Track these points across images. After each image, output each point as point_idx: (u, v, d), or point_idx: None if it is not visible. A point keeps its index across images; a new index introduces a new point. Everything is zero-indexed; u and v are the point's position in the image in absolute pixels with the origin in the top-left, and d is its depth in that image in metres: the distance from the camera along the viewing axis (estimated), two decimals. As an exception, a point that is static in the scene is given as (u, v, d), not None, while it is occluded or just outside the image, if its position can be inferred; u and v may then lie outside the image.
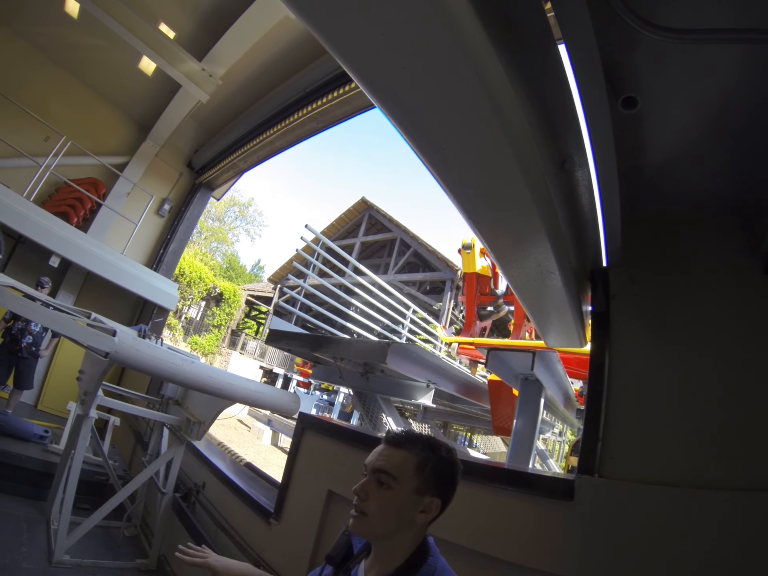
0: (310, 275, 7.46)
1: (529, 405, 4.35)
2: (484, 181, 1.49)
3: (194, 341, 24.28)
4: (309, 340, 4.79)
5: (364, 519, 1.26)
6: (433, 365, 4.58)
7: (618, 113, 1.52)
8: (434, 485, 1.29)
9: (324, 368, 5.36)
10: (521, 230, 1.72)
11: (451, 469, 1.34)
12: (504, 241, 1.85)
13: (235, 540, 3.43)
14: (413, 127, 1.30)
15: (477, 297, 8.43)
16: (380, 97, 1.21)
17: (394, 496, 1.27)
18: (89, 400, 3.76)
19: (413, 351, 4.19)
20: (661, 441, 1.94)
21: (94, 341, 3.05)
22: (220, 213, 46.05)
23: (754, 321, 1.95)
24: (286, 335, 5.03)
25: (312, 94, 6.25)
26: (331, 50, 1.11)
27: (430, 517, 1.29)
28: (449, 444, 1.39)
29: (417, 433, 1.40)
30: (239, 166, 8.61)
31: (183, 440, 4.31)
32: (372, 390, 4.80)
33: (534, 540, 1.91)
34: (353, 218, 26.99)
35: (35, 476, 4.55)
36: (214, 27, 6.22)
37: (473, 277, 8.37)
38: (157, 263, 9.06)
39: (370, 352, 3.96)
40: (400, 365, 3.92)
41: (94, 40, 7.07)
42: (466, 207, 1.63)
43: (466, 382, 5.61)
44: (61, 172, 7.46)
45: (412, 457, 1.30)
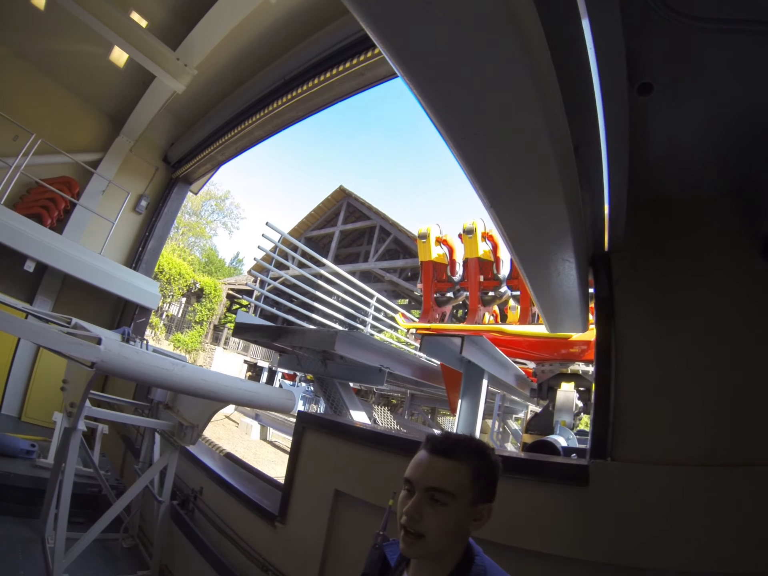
0: (273, 270, 7.46)
1: (472, 386, 4.55)
2: (514, 166, 1.43)
3: (177, 339, 23.97)
4: (269, 331, 4.99)
5: (421, 541, 1.16)
6: (383, 350, 4.79)
7: (633, 98, 1.53)
8: (486, 492, 1.23)
9: (288, 357, 5.52)
10: (545, 218, 1.69)
11: (498, 471, 1.28)
12: (525, 228, 1.81)
13: (239, 546, 3.33)
14: (447, 110, 1.21)
15: (434, 284, 8.69)
16: (417, 78, 1.11)
17: (453, 512, 1.18)
18: (76, 412, 3.58)
19: (361, 338, 4.42)
20: (670, 422, 1.99)
21: (78, 351, 2.86)
22: (197, 207, 45.33)
23: (752, 302, 2.03)
24: (250, 327, 5.24)
25: (292, 81, 6.11)
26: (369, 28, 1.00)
27: (484, 523, 1.23)
28: (489, 445, 1.32)
29: (463, 437, 1.31)
30: (217, 158, 8.42)
31: (176, 446, 4.16)
32: (330, 375, 5.00)
33: (551, 526, 1.93)
34: (331, 207, 26.82)
35: (26, 494, 4.37)
36: (188, 14, 5.98)
37: (430, 265, 8.62)
38: (136, 262, 8.82)
39: (321, 340, 4.16)
40: (349, 351, 4.15)
41: (62, 32, 6.78)
42: (490, 194, 1.57)
43: (421, 365, 5.78)
44: (32, 172, 7.17)
45: (466, 468, 1.21)
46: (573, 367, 6.33)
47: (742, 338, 2.02)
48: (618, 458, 1.98)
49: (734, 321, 2.04)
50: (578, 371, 6.29)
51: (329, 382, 5.07)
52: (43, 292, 7.59)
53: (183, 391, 3.47)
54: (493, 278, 8.37)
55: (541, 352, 6.64)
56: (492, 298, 8.35)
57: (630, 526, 1.81)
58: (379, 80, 5.39)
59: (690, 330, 2.11)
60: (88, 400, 3.75)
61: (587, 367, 6.26)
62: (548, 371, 6.50)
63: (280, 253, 8.06)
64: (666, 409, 2.03)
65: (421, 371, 5.81)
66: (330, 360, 4.92)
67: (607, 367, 2.21)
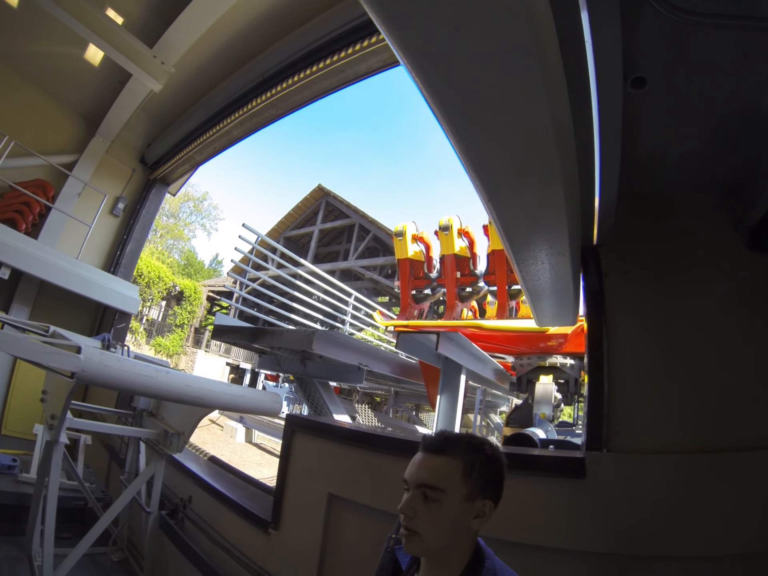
0: (251, 272, 7.57)
1: (450, 382, 4.72)
2: (515, 161, 1.41)
3: (158, 343, 23.66)
4: (248, 332, 5.11)
5: (417, 537, 1.18)
6: (361, 349, 4.93)
7: (626, 92, 1.56)
8: (484, 487, 1.23)
9: (267, 358, 5.67)
10: (543, 212, 1.69)
11: (497, 466, 1.27)
12: (522, 223, 1.79)
13: (233, 554, 3.28)
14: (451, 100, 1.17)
15: (411, 281, 8.83)
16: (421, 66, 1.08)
17: (445, 509, 1.19)
18: (58, 424, 3.46)
19: (338, 337, 4.57)
20: (663, 411, 2.05)
21: (57, 362, 2.73)
22: (175, 209, 44.81)
23: (740, 291, 2.11)
24: (229, 329, 5.38)
25: (270, 79, 6.01)
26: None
27: (485, 520, 1.23)
28: (489, 441, 1.32)
29: (456, 434, 1.32)
30: (195, 158, 8.26)
31: (162, 454, 4.04)
32: (309, 375, 5.14)
33: (550, 520, 1.97)
34: (310, 206, 26.74)
35: (9, 510, 4.20)
36: (166, 11, 5.81)
37: (406, 263, 8.78)
38: (114, 266, 8.61)
39: (299, 340, 4.28)
40: (327, 350, 4.28)
41: (35, 30, 6.55)
42: (488, 188, 1.55)
43: (401, 363, 5.92)
44: (5, 176, 6.94)
45: (456, 462, 1.22)
46: (551, 360, 6.47)
47: (729, 328, 2.08)
48: (613, 449, 2.03)
49: (722, 310, 2.11)
50: (556, 364, 6.42)
51: (309, 382, 5.23)
52: (19, 299, 7.34)
53: (167, 398, 3.37)
54: (470, 274, 8.51)
55: (519, 346, 6.77)
56: (469, 293, 8.48)
57: (628, 515, 1.86)
58: (359, 77, 5.33)
59: (680, 320, 2.16)
60: (70, 411, 3.62)
61: (565, 360, 6.41)
62: (527, 365, 6.64)
63: (257, 254, 8.04)
64: (658, 398, 2.09)
65: (400, 368, 5.95)
66: (309, 360, 5.02)
67: (599, 359, 2.25)
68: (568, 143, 1.41)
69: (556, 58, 1.11)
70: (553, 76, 1.10)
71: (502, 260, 7.71)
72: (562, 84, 1.21)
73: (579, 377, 6.43)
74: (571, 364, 6.40)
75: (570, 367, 6.38)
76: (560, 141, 1.29)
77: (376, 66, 5.02)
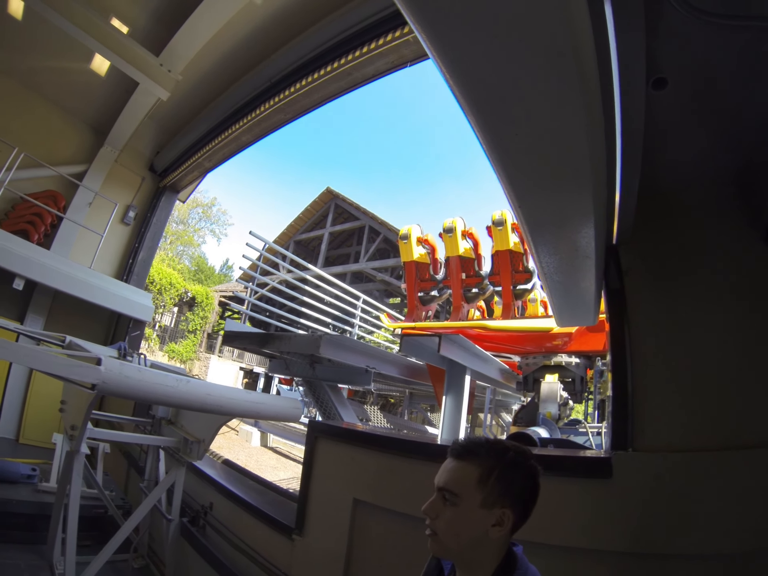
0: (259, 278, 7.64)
1: (454, 383, 4.72)
2: (548, 166, 1.42)
3: (171, 349, 23.77)
4: (257, 338, 5.22)
5: (436, 538, 1.22)
6: (368, 351, 5.05)
7: (647, 93, 1.53)
8: (503, 495, 1.20)
9: (278, 362, 5.77)
10: (572, 215, 1.68)
11: (521, 474, 1.24)
12: (550, 227, 1.78)
13: (256, 560, 3.28)
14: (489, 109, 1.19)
15: (417, 283, 8.84)
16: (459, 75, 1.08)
17: (459, 512, 1.20)
18: (78, 434, 3.46)
19: (345, 341, 4.71)
20: (687, 409, 2.03)
21: (78, 374, 2.72)
22: (184, 215, 45.04)
23: (757, 286, 2.08)
24: (239, 335, 5.43)
25: (278, 84, 6.02)
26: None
27: (505, 530, 1.20)
28: (519, 447, 1.29)
29: (481, 440, 1.30)
30: (204, 165, 8.30)
31: (183, 462, 4.05)
32: (318, 378, 5.22)
33: (576, 520, 1.96)
34: (320, 209, 26.68)
35: (30, 520, 4.24)
36: (171, 19, 5.85)
37: (412, 265, 8.79)
38: (127, 274, 8.68)
39: (307, 345, 4.37)
40: (335, 354, 4.36)
41: (41, 42, 6.61)
42: (520, 194, 1.55)
43: (408, 364, 5.92)
44: (17, 187, 7.01)
45: (474, 468, 1.23)
46: (556, 359, 6.47)
47: (754, 325, 2.04)
48: (639, 448, 2.02)
49: (744, 309, 2.08)
50: (561, 363, 6.43)
51: (318, 385, 5.31)
52: (34, 309, 7.43)
53: (188, 407, 3.37)
54: (475, 275, 8.49)
55: (524, 346, 6.78)
56: (475, 294, 8.48)
57: (654, 513, 1.85)
58: (366, 80, 5.34)
59: (702, 318, 2.14)
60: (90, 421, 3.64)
61: (570, 359, 6.42)
62: (532, 364, 6.64)
63: (265, 261, 8.11)
64: (683, 396, 2.06)
65: (408, 370, 5.97)
66: (318, 363, 5.12)
67: (622, 359, 2.23)
68: (599, 148, 1.40)
69: (593, 69, 1.13)
70: (589, 85, 1.11)
71: (506, 261, 7.76)
72: (597, 92, 1.21)
73: (585, 375, 6.45)
74: (576, 362, 6.40)
75: (575, 365, 6.38)
76: (592, 147, 1.29)
77: (384, 68, 5.01)
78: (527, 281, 8.05)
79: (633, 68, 1.31)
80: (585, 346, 6.36)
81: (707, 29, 1.35)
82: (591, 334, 6.23)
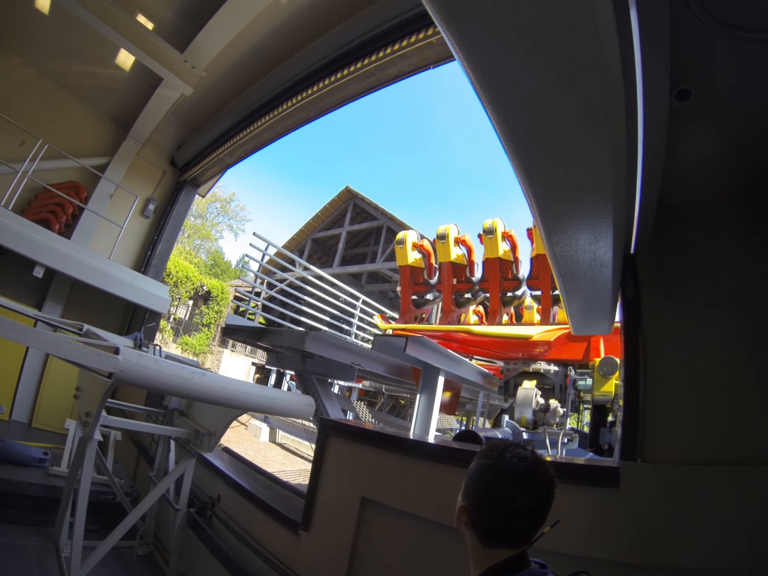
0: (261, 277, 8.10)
1: (428, 382, 5.10)
2: (571, 176, 1.44)
3: (185, 342, 23.91)
4: (253, 332, 5.72)
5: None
6: (353, 349, 5.39)
7: (671, 104, 1.54)
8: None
9: (273, 355, 6.24)
10: (592, 224, 1.68)
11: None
12: (569, 234, 1.78)
13: (261, 554, 3.31)
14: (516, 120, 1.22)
15: (411, 287, 9.15)
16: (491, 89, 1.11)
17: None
18: (92, 421, 3.52)
19: (330, 338, 5.01)
20: (698, 422, 2.02)
21: (96, 362, 2.79)
22: (202, 210, 45.32)
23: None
24: (238, 329, 6.06)
25: (301, 82, 6.04)
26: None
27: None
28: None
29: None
30: (225, 161, 8.36)
31: (193, 453, 4.11)
32: (308, 372, 5.58)
33: (582, 529, 1.95)
34: (338, 208, 26.59)
35: (39, 502, 4.32)
36: (196, 16, 5.90)
37: (407, 269, 9.10)
38: (145, 266, 8.78)
39: (294, 340, 4.69)
40: (320, 349, 4.70)
41: (67, 36, 6.71)
42: (541, 202, 1.58)
43: (395, 363, 6.10)
44: (40, 177, 7.13)
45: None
46: (535, 366, 6.63)
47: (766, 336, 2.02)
48: (648, 459, 2.01)
49: (761, 321, 2.05)
50: (539, 370, 6.58)
51: (308, 378, 5.66)
52: (52, 297, 7.56)
53: (203, 399, 3.40)
54: (466, 281, 8.68)
55: (505, 352, 6.98)
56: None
57: (660, 525, 1.84)
58: (390, 80, 5.34)
59: (717, 330, 2.11)
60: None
61: (548, 366, 6.57)
62: (513, 369, 6.84)
63: (270, 262, 8.21)
64: (694, 409, 2.05)
65: (396, 369, 6.29)
66: (309, 358, 5.46)
67: (635, 369, 2.22)
68: (621, 160, 1.42)
69: (618, 81, 1.14)
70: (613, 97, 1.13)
71: (495, 268, 7.98)
72: (621, 104, 1.23)
73: (563, 384, 6.57)
74: (555, 370, 6.53)
75: (554, 373, 6.51)
76: (613, 158, 1.31)
77: (407, 69, 5.02)
78: (516, 288, 8.29)
79: (657, 80, 1.31)
80: (564, 355, 6.55)
81: (732, 42, 1.35)
82: (571, 343, 6.44)
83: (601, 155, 1.28)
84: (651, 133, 1.50)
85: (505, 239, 8.22)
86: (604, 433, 5.67)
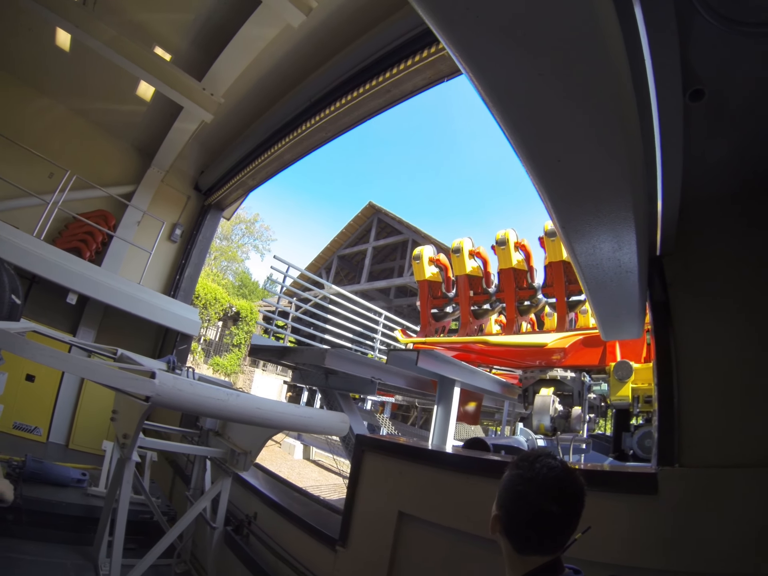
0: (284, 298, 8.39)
1: (444, 393, 5.23)
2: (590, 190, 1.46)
3: (216, 362, 24.15)
4: (276, 351, 5.99)
5: None
6: (374, 364, 5.66)
7: (685, 104, 1.54)
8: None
9: (298, 373, 6.44)
10: (615, 233, 1.69)
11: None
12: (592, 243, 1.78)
13: (299, 570, 3.32)
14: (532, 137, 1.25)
15: (430, 301, 9.30)
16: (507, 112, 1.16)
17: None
18: (130, 443, 3.60)
19: (349, 354, 5.22)
20: (737, 424, 1.95)
21: (133, 386, 2.84)
22: (227, 231, 45.90)
23: None
24: (262, 348, 6.33)
25: (318, 103, 6.14)
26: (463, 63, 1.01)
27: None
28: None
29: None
30: (248, 183, 8.52)
31: (229, 472, 4.15)
32: (331, 387, 5.72)
33: (620, 536, 1.93)
34: (362, 224, 26.65)
35: (78, 522, 4.42)
36: (211, 45, 6.10)
37: (425, 284, 9.26)
38: (174, 290, 8.98)
39: (314, 357, 4.96)
40: (339, 365, 4.86)
41: (89, 71, 6.99)
42: (563, 216, 1.60)
43: (415, 377, 6.22)
44: (69, 208, 7.39)
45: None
46: (551, 373, 6.67)
47: None
48: (685, 464, 1.96)
49: None
50: (556, 377, 6.60)
51: (331, 394, 5.81)
52: (86, 323, 7.78)
53: (239, 420, 3.43)
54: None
55: (521, 360, 7.06)
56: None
57: (703, 530, 1.79)
58: (405, 96, 5.41)
59: (749, 329, 2.05)
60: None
61: (565, 373, 6.58)
62: (530, 377, 6.92)
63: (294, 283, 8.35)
64: (731, 411, 1.99)
65: (417, 382, 6.39)
66: (332, 374, 5.63)
67: (668, 372, 2.18)
68: (639, 165, 1.42)
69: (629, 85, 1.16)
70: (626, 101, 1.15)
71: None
72: (634, 108, 1.24)
73: (581, 390, 6.54)
74: (572, 376, 6.51)
75: (571, 379, 6.50)
76: (631, 164, 1.32)
77: (422, 84, 5.07)
78: (532, 297, 8.42)
79: (669, 82, 1.32)
80: (581, 361, 6.57)
81: (742, 39, 1.35)
82: (586, 348, 6.45)
83: (618, 165, 1.29)
84: (668, 135, 1.51)
85: (518, 249, 8.29)
86: (626, 437, 5.60)
